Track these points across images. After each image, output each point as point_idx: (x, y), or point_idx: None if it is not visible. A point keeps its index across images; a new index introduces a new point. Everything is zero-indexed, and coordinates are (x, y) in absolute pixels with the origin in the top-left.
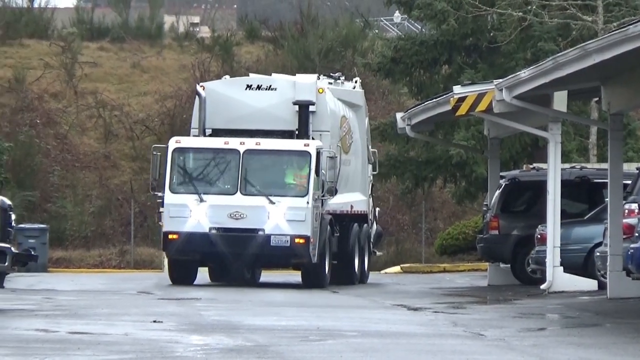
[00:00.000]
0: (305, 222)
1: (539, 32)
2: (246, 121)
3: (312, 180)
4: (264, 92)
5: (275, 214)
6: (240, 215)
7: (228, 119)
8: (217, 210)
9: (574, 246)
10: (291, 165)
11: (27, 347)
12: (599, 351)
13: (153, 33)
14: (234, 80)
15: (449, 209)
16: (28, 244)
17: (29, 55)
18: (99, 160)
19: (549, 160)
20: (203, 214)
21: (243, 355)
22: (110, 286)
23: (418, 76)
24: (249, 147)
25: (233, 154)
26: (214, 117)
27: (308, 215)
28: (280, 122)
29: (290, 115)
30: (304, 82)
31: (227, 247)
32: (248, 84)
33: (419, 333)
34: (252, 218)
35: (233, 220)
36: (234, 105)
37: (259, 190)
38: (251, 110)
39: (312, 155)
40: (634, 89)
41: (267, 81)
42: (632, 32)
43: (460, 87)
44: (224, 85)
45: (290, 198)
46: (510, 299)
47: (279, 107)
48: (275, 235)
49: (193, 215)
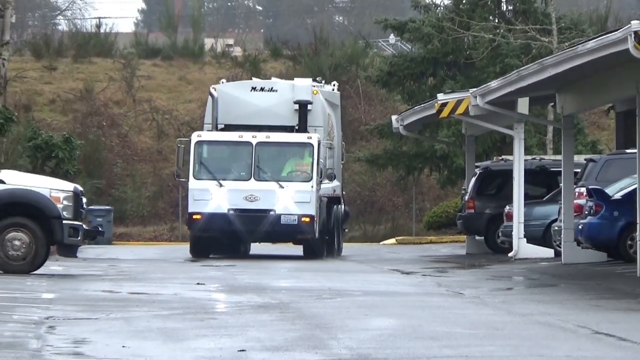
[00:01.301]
0: (310, 203)
1: (505, 50)
2: (252, 118)
3: (315, 168)
4: (267, 94)
5: (284, 197)
6: (254, 197)
7: (236, 116)
8: (234, 194)
9: (535, 222)
10: (297, 155)
11: (96, 304)
12: (555, 306)
13: (196, 52)
14: (241, 83)
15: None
16: (96, 222)
17: (97, 70)
18: (153, 155)
19: (515, 153)
20: (222, 197)
21: (269, 310)
22: (163, 256)
23: (409, 86)
24: (260, 140)
25: (246, 145)
26: (224, 114)
27: (312, 198)
28: (281, 118)
29: (289, 113)
30: (301, 85)
31: (243, 225)
32: (253, 86)
33: (411, 292)
34: (264, 200)
35: (248, 202)
36: (241, 105)
37: (270, 176)
38: (256, 109)
39: (315, 146)
40: (582, 96)
41: (268, 84)
42: (580, 50)
43: (443, 95)
44: (232, 87)
45: (296, 183)
46: (484, 265)
47: (279, 106)
48: (284, 215)
49: (214, 198)
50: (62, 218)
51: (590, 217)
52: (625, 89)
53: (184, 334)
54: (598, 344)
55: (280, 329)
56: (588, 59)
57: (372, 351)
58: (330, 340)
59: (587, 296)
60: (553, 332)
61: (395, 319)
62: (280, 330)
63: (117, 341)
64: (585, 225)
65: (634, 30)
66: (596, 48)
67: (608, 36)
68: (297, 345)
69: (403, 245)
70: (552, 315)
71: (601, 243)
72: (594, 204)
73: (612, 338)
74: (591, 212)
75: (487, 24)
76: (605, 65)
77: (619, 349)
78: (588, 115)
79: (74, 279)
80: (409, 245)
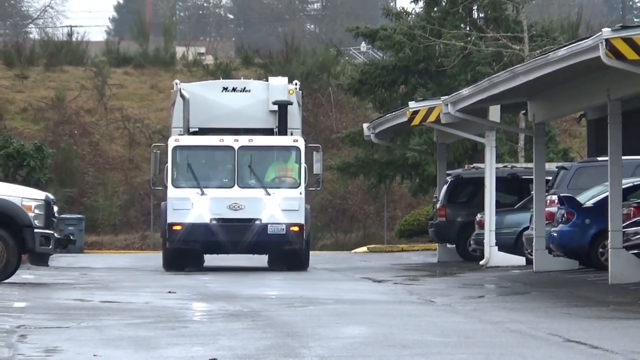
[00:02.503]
0: (299, 211)
1: (477, 58)
2: (224, 121)
3: (303, 173)
4: (239, 94)
5: (270, 205)
6: (238, 206)
7: (206, 119)
8: (217, 203)
9: (507, 230)
10: (282, 160)
11: (67, 313)
12: (526, 313)
13: (167, 61)
14: (211, 83)
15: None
16: (68, 230)
17: (68, 79)
18: (125, 163)
19: (486, 160)
20: (204, 206)
21: (241, 319)
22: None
23: (380, 94)
24: (243, 144)
25: (228, 150)
26: (193, 117)
27: (301, 205)
28: (255, 121)
29: (264, 114)
30: (276, 84)
31: (227, 235)
32: (224, 87)
33: (382, 300)
34: (249, 208)
35: (232, 211)
36: (212, 106)
37: (255, 183)
38: (227, 111)
39: (302, 150)
40: (554, 103)
41: (241, 84)
42: (551, 57)
43: (414, 103)
44: (202, 87)
45: (284, 189)
46: (455, 273)
47: (253, 107)
48: (271, 224)
49: (195, 207)
50: (34, 227)
51: (561, 225)
52: (597, 97)
53: (155, 342)
54: (569, 351)
55: (252, 337)
56: (559, 67)
57: (343, 359)
58: (301, 348)
59: (559, 304)
60: (524, 340)
61: (367, 327)
62: (252, 339)
63: (89, 350)
64: (556, 233)
65: (606, 37)
66: (568, 56)
67: (579, 44)
68: (269, 353)
69: (375, 254)
70: (524, 323)
71: (573, 251)
72: (565, 211)
73: (583, 346)
74: (563, 220)
75: (458, 31)
76: (577, 72)
77: (591, 357)
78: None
79: (45, 287)
80: (381, 254)
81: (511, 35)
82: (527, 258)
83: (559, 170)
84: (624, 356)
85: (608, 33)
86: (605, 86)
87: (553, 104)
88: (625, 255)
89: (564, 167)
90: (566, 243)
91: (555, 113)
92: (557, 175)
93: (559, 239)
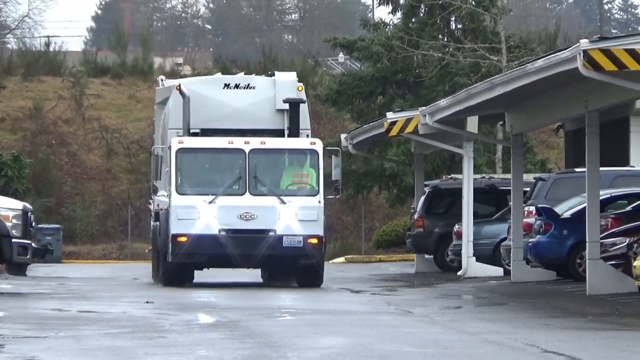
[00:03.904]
0: (318, 221)
1: (455, 69)
2: (226, 121)
3: (322, 179)
4: (243, 91)
5: (286, 214)
6: (250, 216)
7: (206, 119)
8: (227, 212)
9: (484, 240)
10: (299, 164)
11: (45, 323)
12: (504, 324)
13: (145, 71)
14: (211, 79)
15: (384, 211)
16: (45, 240)
17: (46, 89)
18: (102, 173)
19: (464, 171)
20: (212, 216)
21: (219, 329)
22: (112, 274)
23: (358, 105)
24: (255, 147)
25: (239, 153)
26: (192, 117)
27: (320, 215)
28: (261, 121)
29: (270, 114)
30: (284, 80)
31: (238, 248)
32: (226, 83)
33: (360, 311)
34: (262, 218)
35: (243, 221)
36: (213, 105)
37: (269, 190)
38: (230, 110)
39: (320, 154)
40: (531, 114)
41: (244, 80)
42: (529, 69)
43: (392, 114)
44: (201, 84)
45: (301, 197)
46: (433, 283)
47: (258, 106)
48: (287, 236)
49: (202, 217)
50: (11, 236)
51: (539, 235)
52: (574, 108)
53: (133, 352)
54: None
55: (230, 347)
56: (537, 78)
57: None
58: (279, 359)
59: (536, 315)
60: (502, 351)
61: (344, 337)
62: (229, 349)
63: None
64: (534, 244)
65: (583, 49)
66: (545, 67)
67: (557, 55)
68: None
69: (352, 264)
70: (501, 334)
71: (550, 262)
72: (543, 222)
73: (561, 357)
74: (540, 231)
75: (436, 42)
76: (555, 84)
77: None
78: (537, 134)
79: (23, 297)
80: (358, 264)
81: (489, 47)
82: (505, 269)
83: (536, 181)
84: None
85: (586, 44)
86: (583, 97)
87: (531, 115)
88: (603, 266)
89: (542, 178)
90: (544, 254)
91: (533, 124)
92: (534, 186)
93: (536, 249)
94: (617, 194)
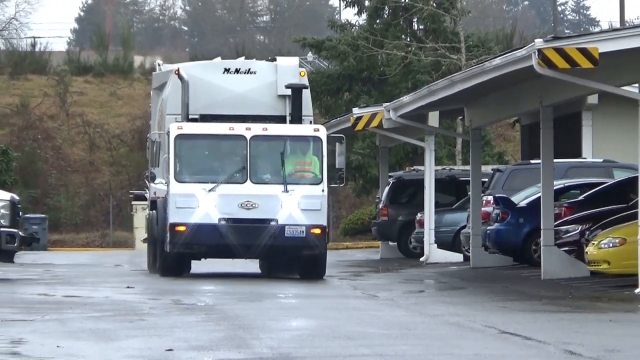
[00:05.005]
0: (321, 211)
1: (417, 67)
2: (227, 106)
3: (325, 167)
4: (243, 76)
5: (289, 203)
6: (251, 205)
7: (206, 104)
8: (227, 200)
9: (445, 228)
10: (302, 152)
11: (32, 307)
12: (464, 307)
13: (126, 69)
14: (210, 63)
15: (350, 200)
16: (32, 229)
17: (32, 87)
18: (85, 166)
19: (426, 163)
20: (212, 204)
21: (195, 312)
22: (95, 261)
23: (326, 101)
24: (256, 133)
25: (240, 140)
26: (191, 102)
27: (324, 204)
28: (262, 107)
29: (271, 99)
30: (286, 65)
31: (238, 238)
32: (226, 68)
33: (329, 295)
34: (264, 208)
35: (244, 210)
36: (212, 90)
37: (270, 178)
38: (230, 95)
39: (324, 141)
40: (489, 109)
41: (245, 64)
42: (487, 66)
43: (358, 109)
44: (200, 68)
45: (304, 186)
46: (397, 269)
47: (259, 92)
48: (289, 226)
49: (201, 205)
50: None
51: (497, 223)
52: (530, 103)
53: (115, 334)
54: (505, 343)
55: (206, 329)
56: (494, 75)
57: (292, 350)
58: (252, 340)
59: (494, 298)
60: (462, 332)
61: (314, 320)
62: (206, 331)
63: (52, 341)
64: (492, 232)
65: (538, 47)
66: (502, 65)
67: (514, 53)
68: (222, 344)
69: None
70: (461, 316)
71: (507, 248)
72: (500, 211)
73: (517, 337)
74: (498, 219)
75: (399, 42)
76: (511, 81)
77: (524, 348)
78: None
79: (10, 283)
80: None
81: (449, 46)
82: (465, 255)
83: (494, 173)
84: (555, 347)
85: (540, 43)
86: (538, 93)
87: (489, 110)
88: (557, 252)
89: (499, 169)
90: (501, 241)
91: (491, 119)
92: (492, 177)
93: (494, 237)
94: (570, 184)
